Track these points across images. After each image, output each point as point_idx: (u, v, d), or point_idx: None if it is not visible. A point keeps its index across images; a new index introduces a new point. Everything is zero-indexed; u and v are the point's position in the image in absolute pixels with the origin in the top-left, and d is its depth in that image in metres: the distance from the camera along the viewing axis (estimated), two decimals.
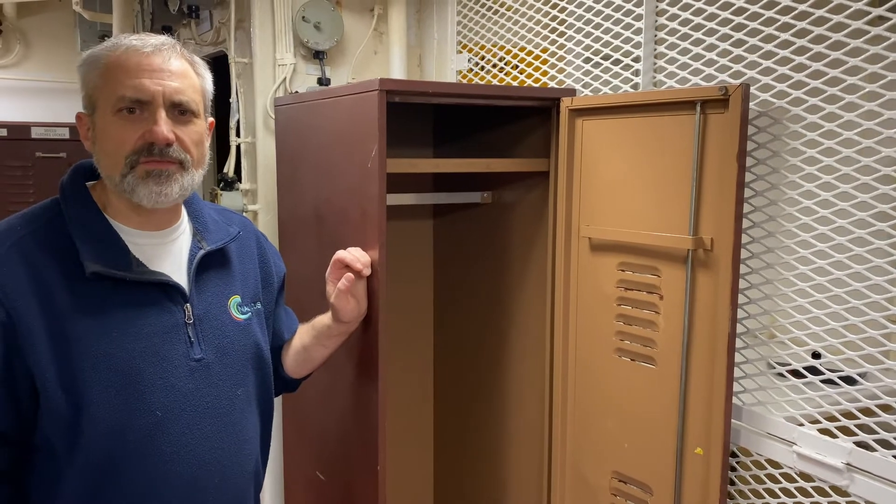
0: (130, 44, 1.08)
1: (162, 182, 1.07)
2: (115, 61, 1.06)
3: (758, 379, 1.42)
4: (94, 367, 1.04)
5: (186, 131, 1.09)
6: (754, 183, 1.40)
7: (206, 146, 1.16)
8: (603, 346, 1.55)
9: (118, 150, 1.06)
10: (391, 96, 1.44)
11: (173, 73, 1.08)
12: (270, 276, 1.35)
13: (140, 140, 1.06)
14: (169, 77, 1.07)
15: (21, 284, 1.02)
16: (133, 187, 1.07)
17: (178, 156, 1.08)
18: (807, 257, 1.31)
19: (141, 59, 1.06)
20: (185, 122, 1.09)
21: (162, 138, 1.05)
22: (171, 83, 1.07)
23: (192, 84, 1.11)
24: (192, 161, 1.11)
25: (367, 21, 2.33)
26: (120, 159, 1.06)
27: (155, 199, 1.08)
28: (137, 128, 1.06)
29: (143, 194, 1.07)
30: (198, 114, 1.12)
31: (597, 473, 1.59)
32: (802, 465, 1.30)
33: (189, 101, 1.09)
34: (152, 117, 1.06)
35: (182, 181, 1.09)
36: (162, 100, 1.06)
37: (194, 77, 1.12)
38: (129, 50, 1.07)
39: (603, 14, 1.70)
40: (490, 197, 1.94)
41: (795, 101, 1.31)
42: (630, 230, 1.48)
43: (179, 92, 1.08)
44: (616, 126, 1.50)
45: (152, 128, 1.05)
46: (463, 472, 2.16)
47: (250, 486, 1.25)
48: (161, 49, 1.08)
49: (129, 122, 1.06)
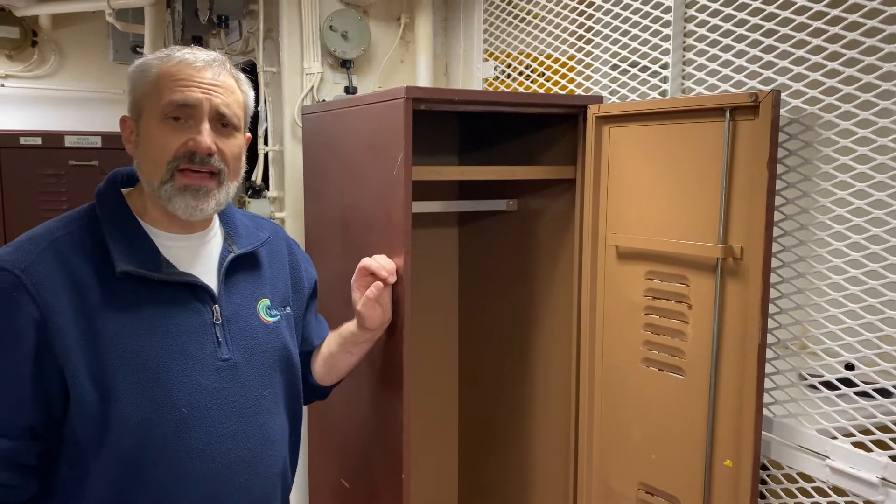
0: (183, 57, 1.12)
1: (199, 197, 1.11)
2: (166, 71, 1.11)
3: (789, 390, 1.39)
4: (123, 364, 1.06)
5: (228, 144, 1.13)
6: (785, 190, 1.37)
7: (242, 160, 1.20)
8: (630, 355, 1.54)
9: (161, 155, 1.10)
10: (417, 104, 1.44)
11: (221, 87, 1.13)
12: (301, 282, 1.37)
13: (182, 147, 1.09)
14: (216, 90, 1.12)
15: (54, 282, 1.05)
16: (170, 197, 1.10)
17: (218, 166, 1.12)
18: (840, 266, 1.28)
19: (192, 71, 1.11)
20: (226, 135, 1.14)
21: (205, 147, 1.09)
22: (218, 96, 1.12)
23: (236, 99, 1.15)
24: (229, 173, 1.15)
25: (393, 30, 2.34)
26: (162, 165, 1.10)
27: (191, 212, 1.12)
28: (181, 135, 1.09)
29: (180, 206, 1.11)
30: (239, 128, 1.16)
31: (623, 484, 1.57)
32: (836, 479, 1.27)
33: (232, 116, 1.14)
34: (196, 126, 1.10)
35: (218, 197, 1.14)
36: (207, 110, 1.10)
37: (239, 93, 1.17)
38: (181, 62, 1.11)
39: (630, 21, 1.68)
40: (516, 205, 1.93)
41: (828, 107, 1.29)
42: (658, 238, 1.46)
43: (225, 105, 1.12)
44: (644, 133, 1.49)
45: (195, 136, 1.09)
46: (488, 481, 2.14)
47: (277, 487, 1.25)
48: (212, 64, 1.13)
49: (173, 129, 1.10)
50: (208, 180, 1.12)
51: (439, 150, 2.13)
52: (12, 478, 1.06)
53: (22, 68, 4.00)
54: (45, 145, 3.17)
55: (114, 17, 3.03)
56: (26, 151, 3.15)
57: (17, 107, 4.01)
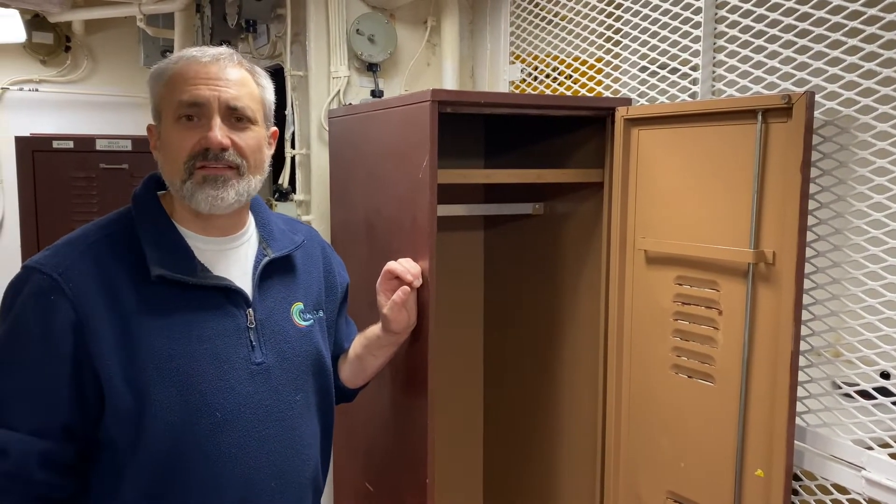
0: (191, 55, 1.12)
1: (218, 186, 1.10)
2: (177, 72, 1.11)
3: (823, 399, 1.36)
4: (158, 368, 1.07)
5: (243, 137, 1.12)
6: (819, 194, 1.34)
7: (264, 153, 1.18)
8: (659, 362, 1.51)
9: (177, 155, 1.10)
10: (443, 107, 1.44)
11: (230, 80, 1.12)
12: (334, 286, 1.37)
13: (197, 146, 1.09)
14: (225, 84, 1.11)
15: (91, 286, 1.06)
16: (192, 193, 1.10)
17: (234, 160, 1.11)
18: (876, 272, 1.25)
19: (199, 68, 1.11)
20: (241, 129, 1.12)
21: (216, 143, 1.09)
22: (227, 90, 1.10)
23: (249, 92, 1.14)
24: (249, 167, 1.14)
25: (420, 33, 2.34)
26: (179, 165, 1.10)
27: (211, 203, 1.11)
28: (195, 134, 1.09)
29: (201, 199, 1.10)
30: (255, 121, 1.15)
31: (651, 493, 1.55)
32: (872, 490, 1.23)
33: (245, 108, 1.12)
34: (208, 123, 1.09)
35: (238, 187, 1.12)
36: (217, 106, 1.10)
37: (253, 85, 1.16)
38: (189, 60, 1.11)
39: (660, 22, 1.66)
40: (542, 208, 1.92)
41: (864, 108, 1.26)
42: (688, 243, 1.44)
43: (235, 98, 1.11)
44: (673, 136, 1.47)
45: (207, 134, 1.09)
46: (513, 487, 2.13)
47: (308, 492, 1.26)
48: (219, 59, 1.12)
49: (187, 128, 1.10)
50: (226, 170, 1.11)
51: (465, 154, 2.13)
52: (51, 477, 1.08)
53: (55, 73, 4.09)
54: (77, 149, 3.22)
55: (144, 22, 3.07)
56: (59, 155, 3.20)
57: (51, 111, 4.10)
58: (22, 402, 1.07)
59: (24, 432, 1.06)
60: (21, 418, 1.06)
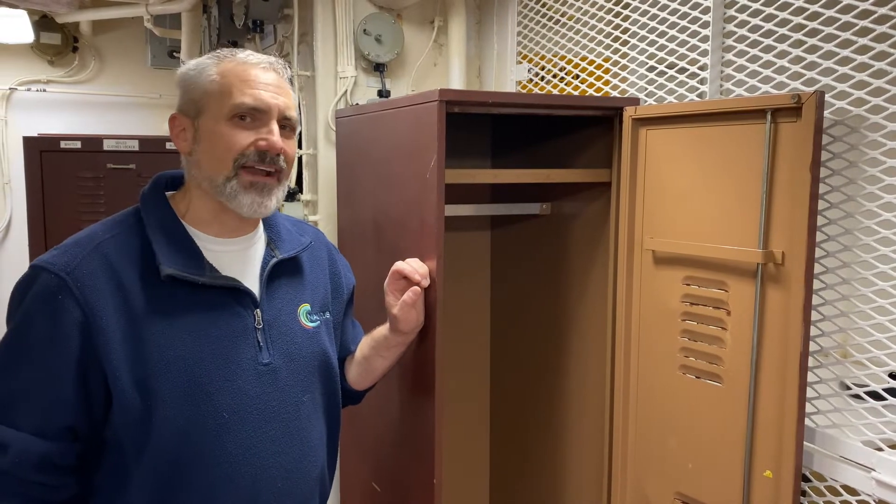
0: (246, 58, 1.15)
1: (264, 194, 1.14)
2: (231, 70, 1.13)
3: (832, 400, 1.35)
4: (165, 368, 1.07)
5: (290, 144, 1.17)
6: (829, 194, 1.34)
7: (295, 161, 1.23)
8: (666, 362, 1.51)
9: (227, 153, 1.12)
10: (450, 107, 1.43)
11: (284, 89, 1.16)
12: (340, 288, 1.38)
13: (252, 146, 1.12)
14: (282, 93, 1.15)
15: (99, 285, 1.07)
16: (235, 194, 1.12)
17: (282, 165, 1.15)
18: (886, 273, 1.24)
19: (258, 72, 1.14)
20: (288, 136, 1.17)
21: (278, 147, 1.13)
22: (284, 99, 1.15)
23: (293, 102, 1.19)
24: (286, 173, 1.18)
25: (427, 33, 2.34)
26: (228, 161, 1.12)
27: (255, 209, 1.14)
28: (249, 134, 1.12)
29: (245, 203, 1.13)
30: (296, 129, 1.20)
31: (659, 494, 1.54)
32: (882, 492, 1.23)
33: (295, 119, 1.18)
34: (266, 127, 1.13)
35: (278, 194, 1.17)
36: (276, 113, 1.13)
37: (293, 96, 1.20)
38: (245, 63, 1.14)
39: (668, 21, 1.66)
40: (549, 208, 1.91)
41: (875, 108, 1.25)
42: (696, 243, 1.43)
43: (289, 108, 1.16)
44: (681, 136, 1.46)
45: (268, 137, 1.12)
46: (520, 487, 2.12)
47: (315, 493, 1.26)
48: (275, 67, 1.17)
49: (241, 128, 1.12)
50: (271, 178, 1.14)
51: (472, 153, 2.12)
52: (51, 478, 1.08)
53: (63, 73, 4.10)
54: (85, 149, 3.24)
55: (151, 22, 3.08)
56: (66, 155, 3.21)
57: (58, 111, 4.11)
58: (27, 400, 1.07)
59: (27, 431, 1.06)
60: (25, 417, 1.06)
